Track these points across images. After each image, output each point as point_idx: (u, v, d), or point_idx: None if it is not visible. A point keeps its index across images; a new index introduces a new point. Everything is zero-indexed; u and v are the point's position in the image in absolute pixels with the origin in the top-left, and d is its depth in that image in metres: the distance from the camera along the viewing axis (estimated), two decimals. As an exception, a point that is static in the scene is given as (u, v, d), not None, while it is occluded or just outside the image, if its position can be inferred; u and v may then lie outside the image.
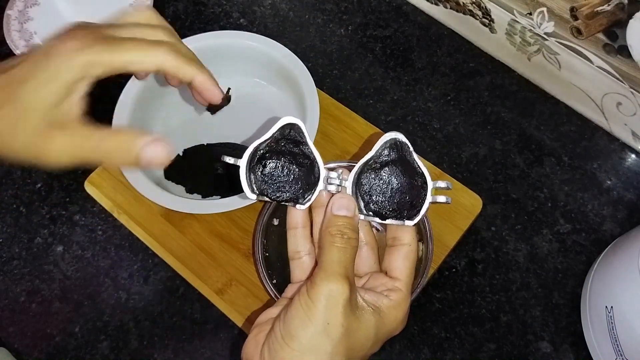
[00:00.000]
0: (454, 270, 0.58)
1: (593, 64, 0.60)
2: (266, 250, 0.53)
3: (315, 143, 0.57)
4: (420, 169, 0.38)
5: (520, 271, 0.58)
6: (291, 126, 0.38)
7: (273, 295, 0.51)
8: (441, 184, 0.38)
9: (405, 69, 0.70)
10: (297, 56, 0.61)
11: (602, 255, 0.55)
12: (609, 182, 0.62)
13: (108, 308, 0.58)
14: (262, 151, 0.38)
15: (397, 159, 0.38)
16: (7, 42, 0.70)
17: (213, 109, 0.48)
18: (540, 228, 0.60)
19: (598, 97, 0.62)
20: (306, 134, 0.38)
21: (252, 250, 0.57)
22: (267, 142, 0.38)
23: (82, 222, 0.62)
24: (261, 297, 0.56)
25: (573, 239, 0.59)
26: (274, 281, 0.51)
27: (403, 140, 0.38)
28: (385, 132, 0.38)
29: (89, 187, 0.61)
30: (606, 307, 0.49)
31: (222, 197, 0.56)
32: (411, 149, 0.38)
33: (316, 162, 0.38)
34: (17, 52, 0.69)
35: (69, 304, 0.58)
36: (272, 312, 0.37)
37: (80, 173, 0.63)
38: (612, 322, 0.49)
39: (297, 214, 0.40)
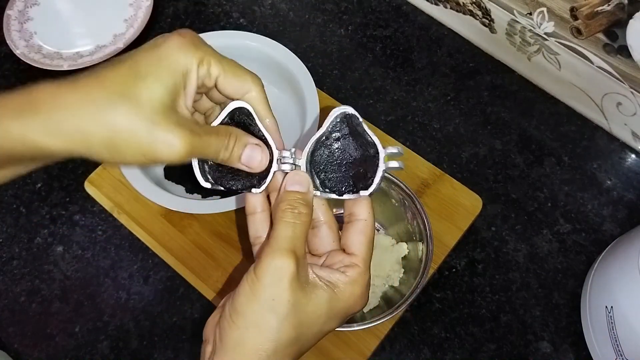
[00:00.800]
0: (454, 270, 0.58)
1: (593, 64, 0.60)
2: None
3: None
4: (372, 138, 0.37)
5: (520, 271, 0.58)
6: (240, 110, 0.37)
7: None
8: (392, 149, 0.37)
9: (405, 69, 0.70)
10: (297, 56, 0.61)
11: (602, 255, 0.55)
12: (609, 182, 0.62)
13: (108, 308, 0.58)
14: None
15: (349, 133, 0.37)
16: (7, 42, 0.70)
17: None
18: (540, 228, 0.60)
19: (598, 97, 0.62)
20: (255, 117, 0.37)
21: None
22: None
23: (82, 222, 0.62)
24: (261, 297, 0.56)
25: (573, 239, 0.59)
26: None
27: (351, 113, 0.37)
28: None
29: (89, 187, 0.61)
30: (606, 307, 0.49)
31: (222, 197, 0.56)
32: (360, 119, 0.37)
33: (268, 145, 0.37)
34: (17, 52, 0.69)
35: (69, 304, 0.58)
36: None
37: (80, 173, 0.63)
38: (612, 322, 0.49)
39: (254, 198, 0.39)
